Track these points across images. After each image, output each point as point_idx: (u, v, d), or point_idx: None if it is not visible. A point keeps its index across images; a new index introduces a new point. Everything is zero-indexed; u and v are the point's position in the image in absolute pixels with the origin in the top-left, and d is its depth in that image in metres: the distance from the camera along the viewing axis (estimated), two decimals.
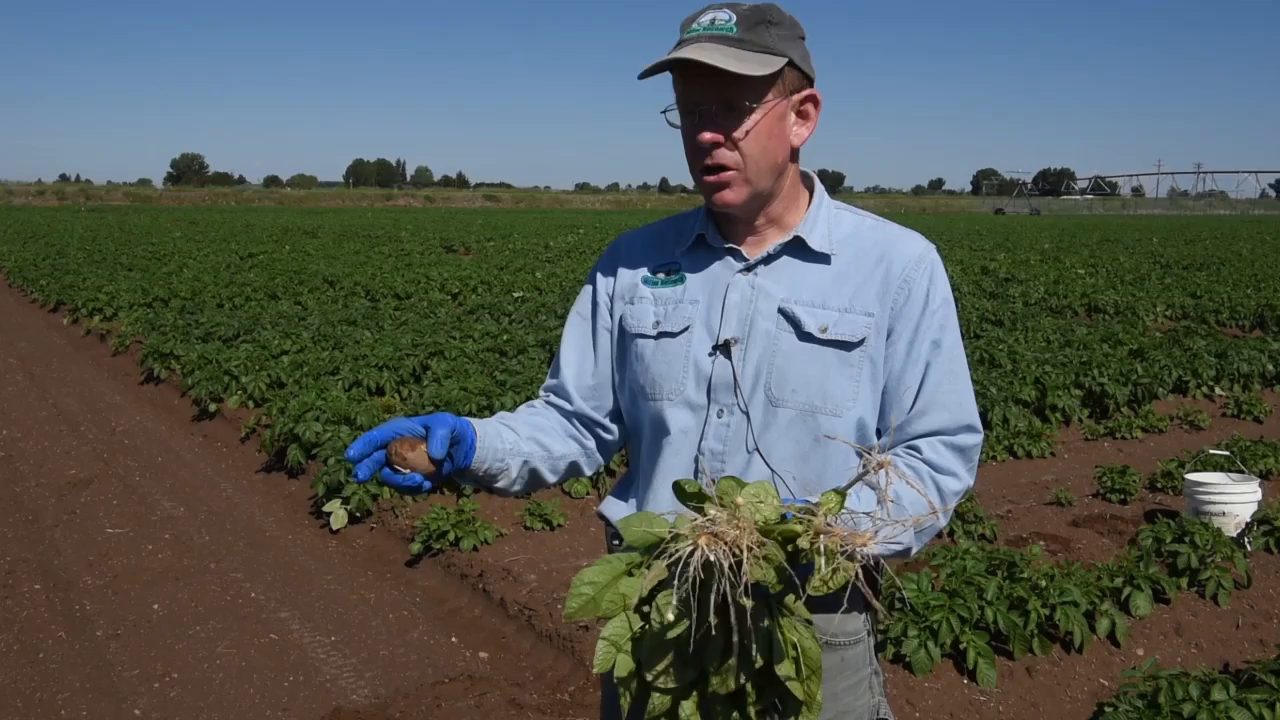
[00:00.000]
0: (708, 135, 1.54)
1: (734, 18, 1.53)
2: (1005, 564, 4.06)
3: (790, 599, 1.17)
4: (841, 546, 1.06)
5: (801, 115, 1.61)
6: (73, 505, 5.88)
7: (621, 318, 1.72)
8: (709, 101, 1.53)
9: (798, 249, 1.64)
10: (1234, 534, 4.76)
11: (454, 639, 4.23)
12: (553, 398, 1.79)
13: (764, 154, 1.57)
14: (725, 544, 1.04)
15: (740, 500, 1.12)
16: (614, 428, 1.77)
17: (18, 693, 3.74)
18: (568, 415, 1.76)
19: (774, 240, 1.64)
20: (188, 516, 5.73)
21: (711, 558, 1.03)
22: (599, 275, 1.78)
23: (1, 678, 3.84)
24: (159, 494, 6.12)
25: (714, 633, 1.07)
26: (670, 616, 1.09)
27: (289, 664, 3.99)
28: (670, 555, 1.05)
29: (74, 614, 4.42)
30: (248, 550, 5.22)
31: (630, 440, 1.77)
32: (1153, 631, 4.01)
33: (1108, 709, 3.26)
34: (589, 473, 1.80)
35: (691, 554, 1.03)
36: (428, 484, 1.50)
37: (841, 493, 1.16)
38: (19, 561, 5.01)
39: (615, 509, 1.74)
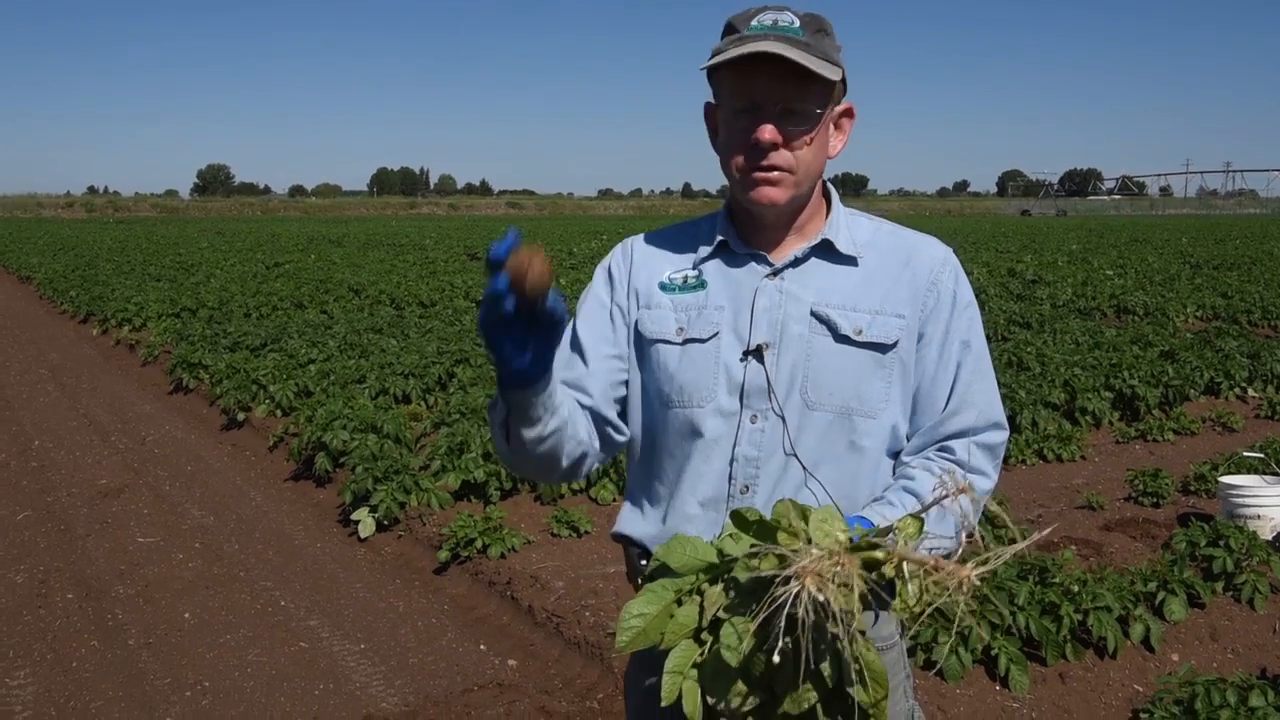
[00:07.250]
0: (769, 134, 1.51)
1: (797, 21, 1.52)
2: (1036, 569, 4.02)
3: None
4: (936, 576, 1.05)
5: (838, 127, 1.63)
6: (104, 515, 5.94)
7: (637, 322, 1.67)
8: (773, 101, 1.51)
9: (825, 252, 1.63)
10: (1269, 537, 4.69)
11: (482, 646, 4.24)
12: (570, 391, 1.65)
13: (815, 161, 1.57)
14: (829, 581, 1.03)
15: (810, 528, 1.11)
16: (624, 427, 1.68)
17: (52, 701, 3.77)
18: (584, 410, 1.64)
19: (795, 246, 1.63)
20: (217, 525, 5.77)
21: (820, 598, 1.02)
22: (614, 271, 1.71)
23: (36, 687, 3.88)
24: (189, 503, 6.17)
25: (788, 658, 1.06)
26: (746, 647, 1.07)
27: (319, 672, 4.01)
28: (776, 599, 1.04)
29: (106, 623, 4.46)
30: (277, 559, 5.26)
31: (641, 447, 1.69)
32: (1188, 637, 3.96)
33: (1143, 715, 3.23)
34: (594, 466, 1.67)
35: (797, 595, 1.02)
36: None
37: (919, 517, 1.18)
38: (52, 571, 5.06)
39: (637, 525, 1.68)
